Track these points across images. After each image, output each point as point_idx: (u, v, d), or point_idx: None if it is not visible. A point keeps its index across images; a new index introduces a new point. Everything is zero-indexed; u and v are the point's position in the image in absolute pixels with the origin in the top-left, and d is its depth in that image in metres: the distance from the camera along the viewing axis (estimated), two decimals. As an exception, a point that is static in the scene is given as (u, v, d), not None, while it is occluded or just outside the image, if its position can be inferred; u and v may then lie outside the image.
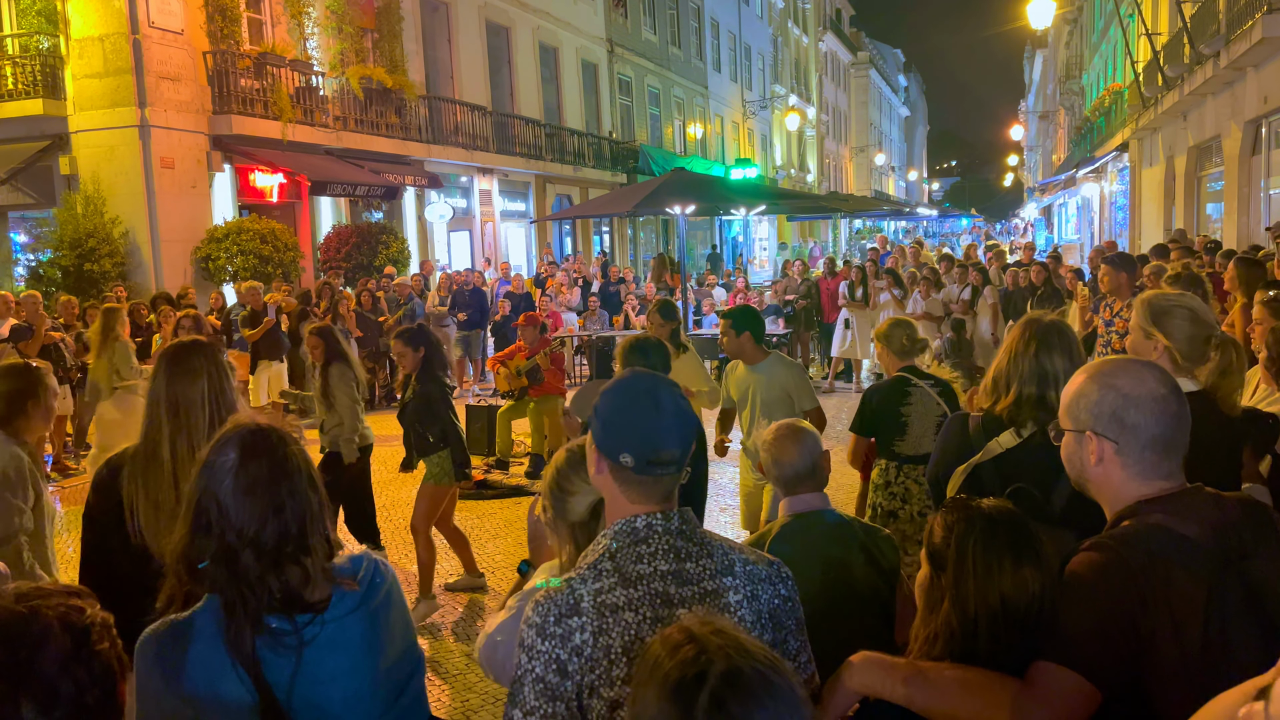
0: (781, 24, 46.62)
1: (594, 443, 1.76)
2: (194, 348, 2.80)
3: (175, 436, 2.67)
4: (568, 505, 2.10)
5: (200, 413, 2.69)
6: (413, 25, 18.37)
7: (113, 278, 12.52)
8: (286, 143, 14.61)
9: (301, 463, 1.81)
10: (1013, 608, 1.70)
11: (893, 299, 12.49)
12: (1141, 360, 1.86)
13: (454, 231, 20.67)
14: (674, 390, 1.78)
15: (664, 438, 1.71)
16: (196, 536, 1.72)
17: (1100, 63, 29.78)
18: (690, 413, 1.78)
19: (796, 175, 47.47)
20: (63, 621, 1.37)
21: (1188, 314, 2.72)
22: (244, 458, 1.75)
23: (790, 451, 2.75)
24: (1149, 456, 1.72)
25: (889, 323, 4.76)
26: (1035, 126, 65.78)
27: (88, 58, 13.01)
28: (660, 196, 13.55)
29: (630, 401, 1.74)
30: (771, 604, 1.73)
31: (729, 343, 5.12)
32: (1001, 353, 2.62)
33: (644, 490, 1.71)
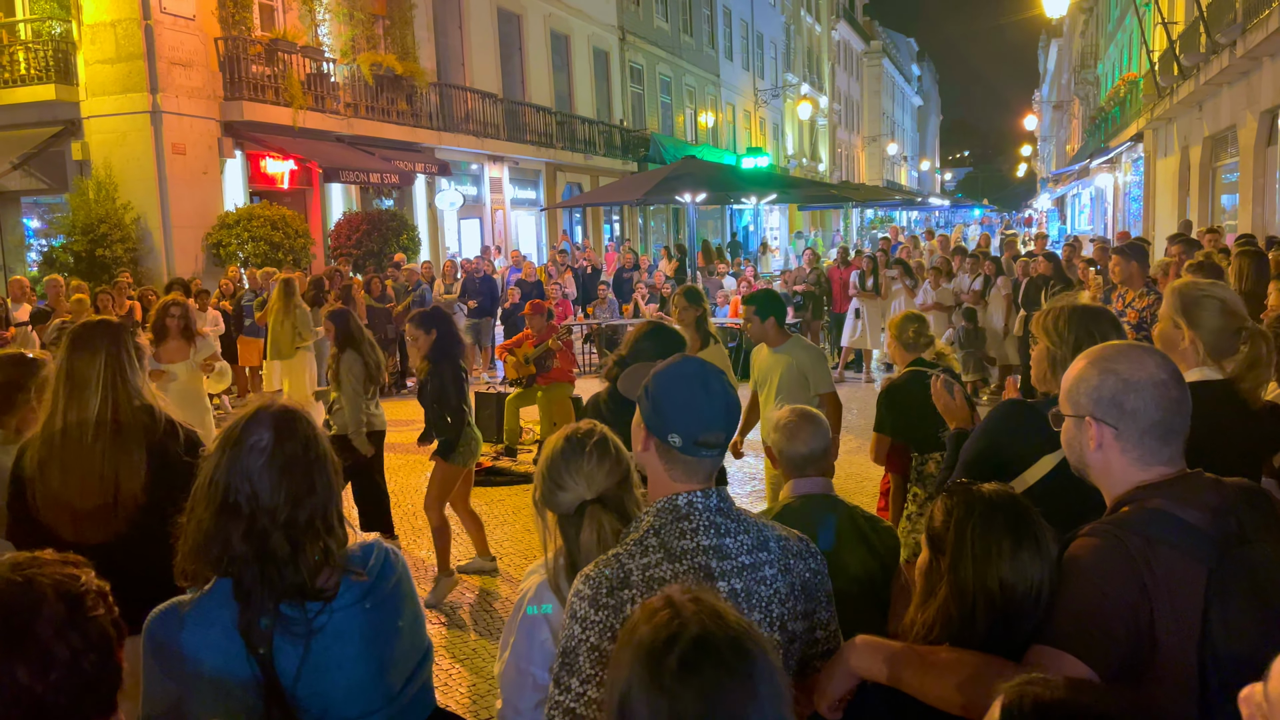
0: (794, 12, 46.38)
1: (643, 421, 1.84)
2: (99, 327, 2.87)
3: (68, 410, 2.74)
4: (556, 498, 2.10)
5: (94, 388, 2.75)
6: (424, 12, 18.35)
7: (124, 263, 12.57)
8: (298, 129, 14.63)
9: (326, 446, 1.84)
10: (1011, 592, 1.70)
11: (904, 288, 12.45)
12: (1142, 345, 1.84)
13: (464, 219, 20.69)
14: (722, 376, 1.86)
15: (711, 420, 1.79)
16: (223, 518, 1.72)
17: (1115, 52, 29.55)
18: (736, 399, 1.86)
19: (808, 164, 47.30)
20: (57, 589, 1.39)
21: (1218, 305, 2.67)
22: (279, 438, 1.76)
23: (800, 436, 2.78)
24: (1148, 442, 1.71)
25: (901, 315, 4.76)
26: (1049, 116, 65.35)
27: (100, 43, 13.04)
28: (671, 184, 13.54)
29: (681, 384, 1.81)
30: (803, 576, 1.83)
31: (753, 327, 5.16)
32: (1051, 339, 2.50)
33: (688, 470, 1.80)
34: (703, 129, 34.04)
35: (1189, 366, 2.66)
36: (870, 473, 8.27)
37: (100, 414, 2.74)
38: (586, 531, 2.03)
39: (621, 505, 2.06)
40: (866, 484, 7.96)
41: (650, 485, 1.88)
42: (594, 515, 2.04)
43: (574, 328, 14.23)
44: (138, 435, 2.78)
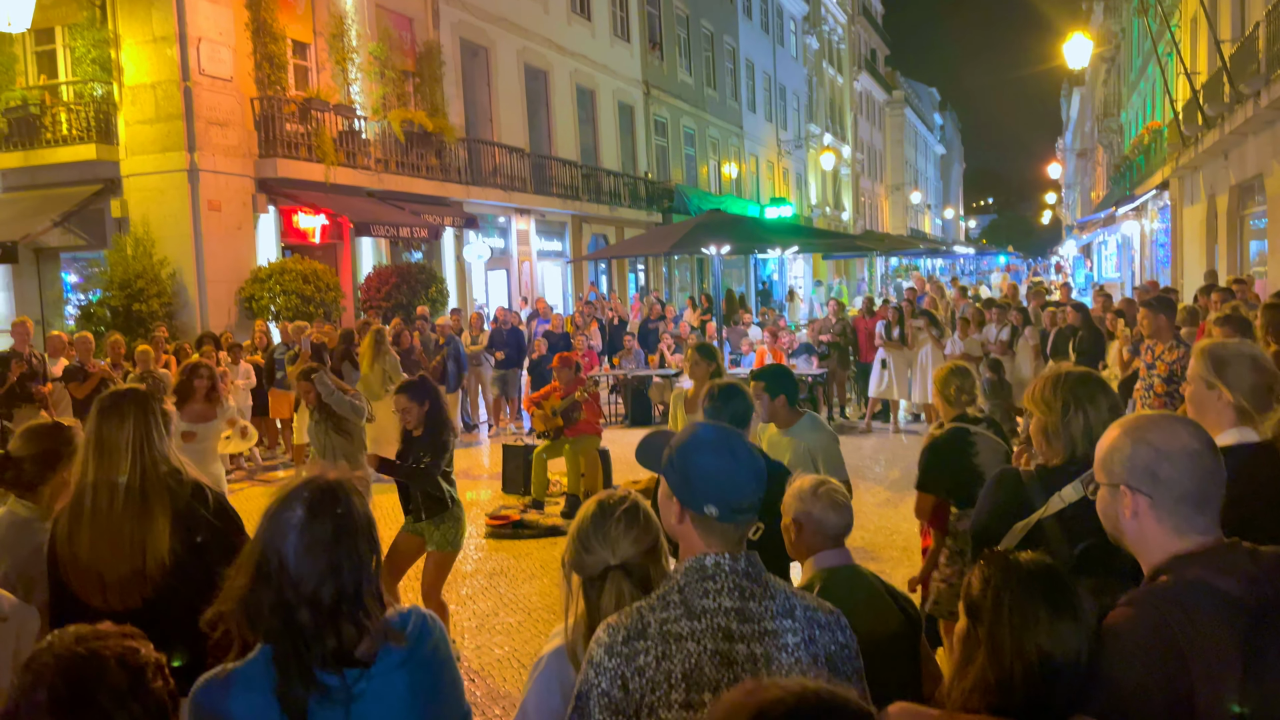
0: (816, 64, 46.93)
1: (674, 495, 1.85)
2: (126, 395, 2.88)
3: (98, 479, 2.75)
4: (583, 560, 2.12)
5: (124, 455, 2.76)
6: (453, 69, 18.75)
7: (160, 317, 12.80)
8: (329, 185, 14.93)
9: (363, 522, 1.86)
10: (1049, 661, 1.70)
11: (930, 339, 12.44)
12: (1174, 415, 1.86)
13: (491, 271, 20.92)
14: (744, 439, 1.90)
15: (744, 486, 1.82)
16: (257, 586, 1.77)
17: (1139, 101, 29.63)
18: (761, 461, 1.89)
19: (832, 214, 47.52)
20: (119, 660, 1.44)
21: (1250, 361, 2.67)
22: (310, 515, 1.80)
23: (842, 506, 2.76)
24: (1183, 511, 1.72)
25: (946, 369, 4.60)
26: (1073, 164, 65.37)
27: (140, 104, 13.42)
28: (696, 237, 13.66)
29: (707, 453, 1.84)
30: (829, 649, 1.82)
31: (762, 406, 4.60)
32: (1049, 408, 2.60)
33: (724, 536, 1.82)
34: (726, 180, 34.35)
35: (1224, 427, 2.66)
36: (900, 526, 8.21)
37: (129, 480, 2.76)
38: (606, 597, 2.05)
39: (646, 575, 2.07)
40: (896, 537, 7.90)
41: (682, 551, 1.89)
42: (615, 581, 2.06)
43: (600, 378, 14.32)
44: (164, 500, 2.79)
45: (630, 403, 14.55)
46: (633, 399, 14.47)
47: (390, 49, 16.74)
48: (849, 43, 53.80)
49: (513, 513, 8.87)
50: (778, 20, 41.80)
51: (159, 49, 13.25)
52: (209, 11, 13.47)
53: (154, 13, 13.20)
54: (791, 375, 5.02)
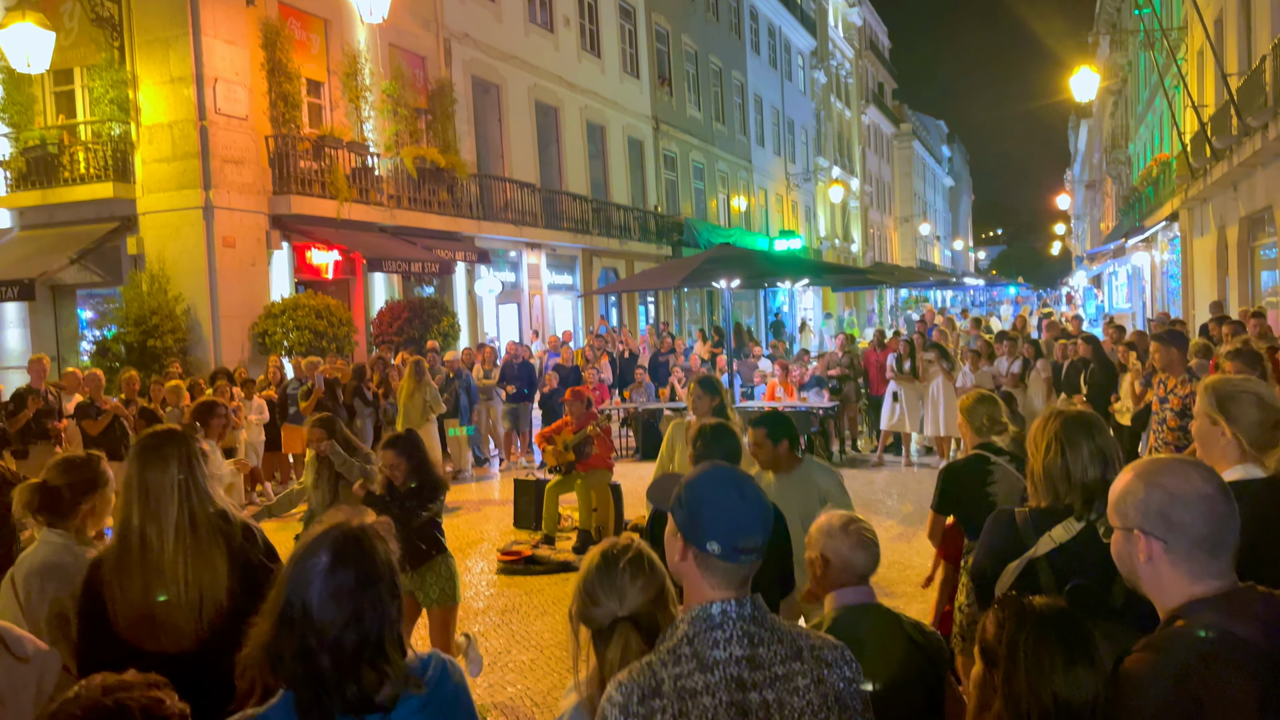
0: (824, 99, 47.28)
1: (679, 531, 1.86)
2: (167, 436, 2.86)
3: (145, 523, 2.72)
4: (591, 613, 2.12)
5: (170, 498, 2.74)
6: (465, 107, 18.97)
7: (174, 353, 12.89)
8: (342, 221, 15.07)
9: (386, 569, 1.87)
10: (1065, 706, 1.70)
11: (941, 371, 12.42)
12: (1187, 459, 1.87)
13: (503, 305, 21.03)
14: (753, 480, 1.90)
15: (749, 525, 1.83)
16: (280, 631, 1.79)
17: (1146, 133, 29.73)
18: (769, 503, 1.89)
19: (841, 246, 47.65)
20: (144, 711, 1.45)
21: (1254, 399, 2.69)
22: (334, 562, 1.81)
23: (868, 545, 2.76)
24: (1198, 555, 1.73)
25: (974, 397, 4.52)
26: (1082, 195, 65.49)
27: (157, 143, 13.61)
28: (707, 271, 13.70)
29: (715, 491, 1.85)
30: (837, 686, 1.83)
31: (765, 454, 4.57)
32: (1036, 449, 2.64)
33: (726, 576, 1.82)
34: (736, 213, 34.53)
35: (1230, 463, 2.68)
36: (913, 560, 8.17)
37: (178, 522, 2.74)
38: (613, 649, 2.05)
39: (654, 624, 2.07)
40: (909, 572, 7.85)
41: (686, 593, 1.90)
42: (623, 633, 2.06)
43: (611, 412, 14.32)
44: (218, 542, 2.78)
45: (641, 436, 14.54)
46: (644, 432, 14.46)
47: (403, 87, 16.95)
48: (856, 77, 54.21)
49: (524, 548, 8.86)
50: (785, 55, 42.20)
51: (176, 89, 13.45)
52: (225, 52, 13.68)
53: (172, 54, 13.42)
54: (790, 421, 4.86)
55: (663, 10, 29.35)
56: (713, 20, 33.67)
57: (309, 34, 15.56)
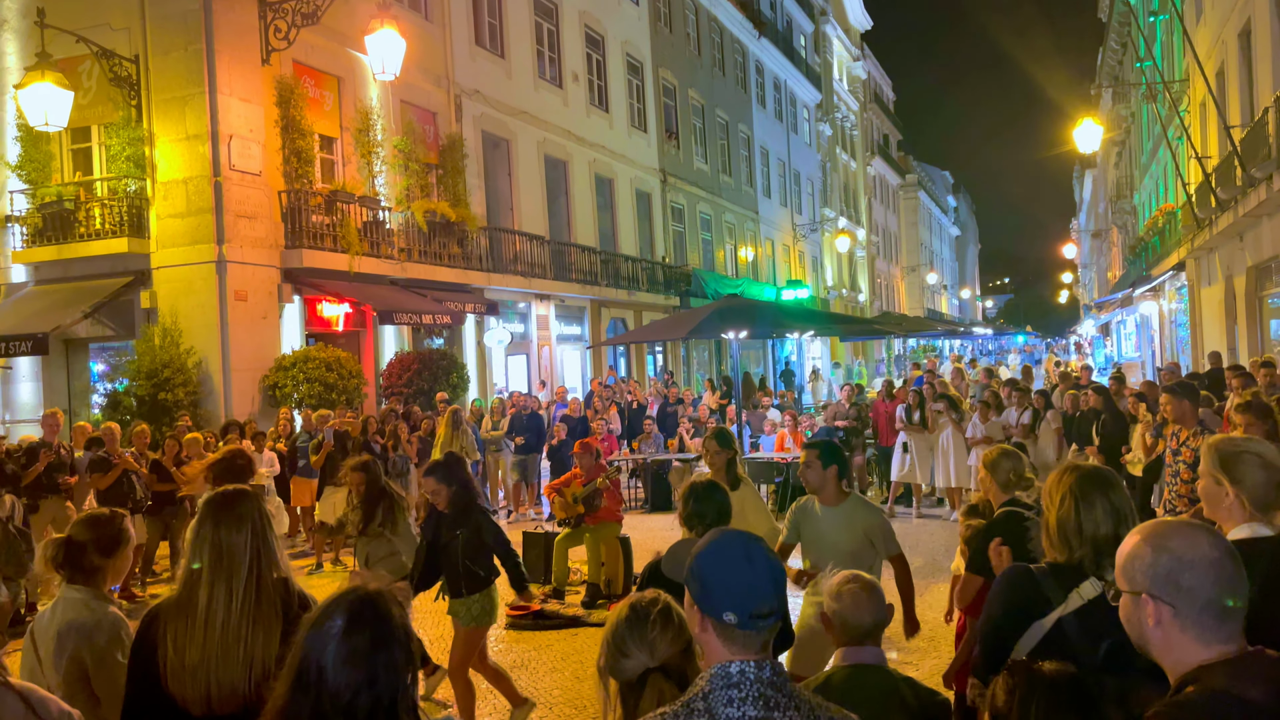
0: (830, 151, 47.78)
1: (695, 603, 1.89)
2: (241, 495, 2.84)
3: (214, 583, 2.70)
4: (620, 664, 2.13)
5: (243, 560, 2.72)
6: (475, 161, 19.23)
7: (184, 406, 12.94)
8: (353, 274, 15.21)
9: (401, 633, 1.88)
10: None
11: (951, 422, 12.39)
12: (1194, 522, 1.88)
13: (512, 356, 21.09)
14: (763, 544, 1.92)
15: (763, 593, 1.85)
16: (295, 695, 1.79)
17: (1151, 183, 29.92)
18: (780, 565, 1.92)
19: (848, 295, 47.80)
20: None
21: (1257, 460, 2.70)
22: (349, 626, 1.82)
23: (867, 605, 2.77)
24: (1206, 620, 1.73)
25: (998, 451, 4.50)
26: (1088, 244, 65.72)
27: (172, 199, 13.80)
28: (714, 322, 13.77)
29: (726, 561, 1.87)
30: None
31: (814, 475, 4.77)
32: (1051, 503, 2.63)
33: (745, 643, 1.84)
34: (743, 263, 34.74)
35: (1236, 522, 2.69)
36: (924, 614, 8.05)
37: (246, 587, 2.72)
38: (647, 700, 2.06)
39: (684, 675, 2.09)
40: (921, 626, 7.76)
41: (706, 659, 1.92)
42: (655, 684, 2.07)
43: (620, 463, 14.29)
44: (276, 609, 2.75)
45: (650, 488, 14.50)
46: (652, 484, 14.42)
47: (414, 142, 17.21)
48: (862, 129, 54.82)
49: (533, 602, 8.79)
50: (791, 109, 42.74)
51: (192, 146, 13.67)
52: (241, 110, 13.93)
53: (188, 112, 13.67)
54: (841, 450, 5.02)
55: (669, 66, 29.83)
56: (719, 75, 34.19)
57: (323, 91, 15.85)
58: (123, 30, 13.99)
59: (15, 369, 14.86)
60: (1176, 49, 21.99)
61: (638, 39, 27.94)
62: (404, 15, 16.46)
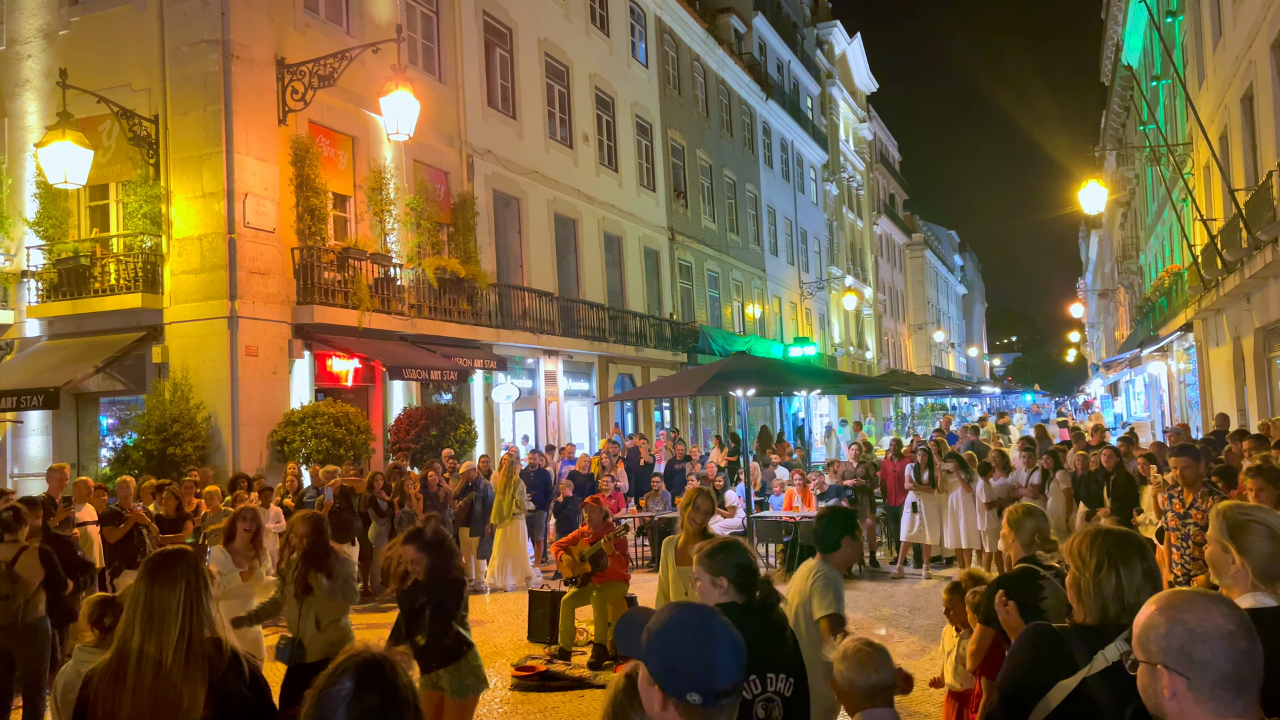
0: (836, 209, 48.24)
1: (655, 683, 1.81)
2: (177, 555, 2.91)
3: (144, 642, 2.75)
4: None
5: (174, 621, 2.77)
6: (486, 219, 19.46)
7: (193, 460, 12.95)
8: (363, 330, 15.31)
9: (410, 694, 1.88)
10: None
11: (960, 482, 12.33)
12: (1209, 594, 1.88)
13: (519, 411, 21.12)
14: (723, 619, 1.85)
15: (727, 669, 1.78)
16: None
17: (1157, 244, 30.09)
18: (740, 637, 1.85)
19: (855, 353, 47.86)
20: None
21: (1264, 530, 2.70)
22: (359, 688, 1.83)
23: (869, 664, 2.76)
24: (1221, 694, 1.72)
25: (1023, 509, 4.42)
26: (1095, 304, 65.88)
27: (186, 255, 13.98)
28: (722, 380, 13.78)
29: (685, 637, 1.80)
30: None
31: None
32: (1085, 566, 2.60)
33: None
34: (750, 320, 34.89)
35: (1241, 591, 2.68)
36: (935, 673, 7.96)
37: (178, 644, 2.76)
38: None
39: None
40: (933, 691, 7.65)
41: None
42: None
43: (627, 521, 14.22)
44: (204, 669, 2.79)
45: (657, 545, 14.38)
46: (660, 542, 14.30)
47: (426, 201, 17.44)
48: (868, 189, 55.38)
49: (539, 663, 8.70)
50: (798, 169, 43.27)
51: (208, 204, 13.88)
52: (256, 169, 14.16)
53: (205, 170, 13.90)
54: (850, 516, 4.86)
55: (678, 127, 30.29)
56: (727, 136, 34.69)
57: (337, 150, 16.12)
58: (143, 91, 14.30)
59: (26, 423, 14.93)
60: (1180, 113, 22.26)
61: (647, 100, 28.42)
62: (418, 77, 16.80)
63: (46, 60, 15.32)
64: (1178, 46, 21.78)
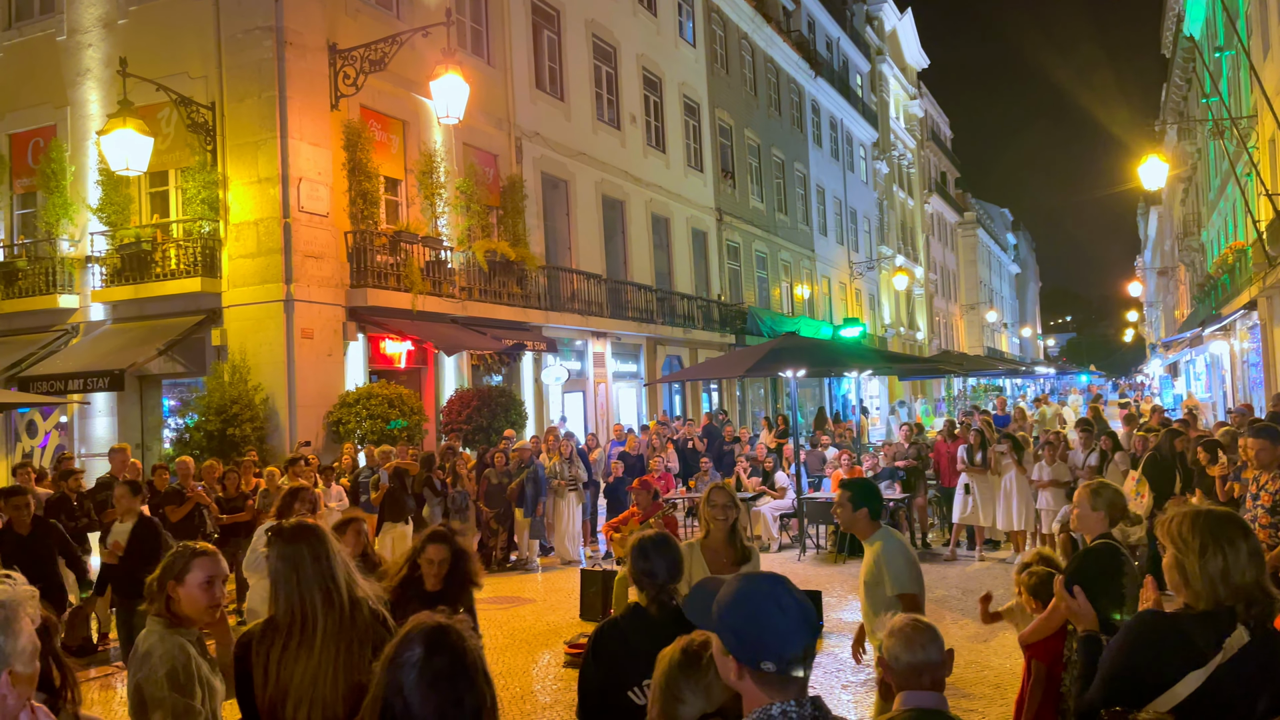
0: (886, 188, 47.62)
1: (729, 653, 1.86)
2: (307, 529, 2.98)
3: (306, 610, 2.83)
4: (677, 711, 2.12)
5: (314, 588, 2.85)
6: (535, 202, 19.53)
7: (251, 441, 13.23)
8: (416, 312, 15.49)
9: (478, 658, 1.92)
10: None
11: (1014, 463, 12.17)
12: None
13: (568, 393, 21.23)
14: (790, 587, 1.89)
15: (797, 638, 1.83)
16: None
17: (1219, 220, 29.27)
18: (809, 603, 1.89)
19: (906, 333, 47.31)
20: None
21: None
22: (428, 653, 1.87)
23: (916, 641, 2.73)
24: None
25: (1096, 483, 4.36)
26: (1154, 282, 64.32)
27: (243, 240, 14.23)
28: (772, 361, 13.73)
29: (758, 610, 1.85)
30: None
31: (844, 515, 4.84)
32: (1188, 548, 2.54)
33: (784, 687, 1.83)
34: (799, 301, 34.64)
35: None
36: (990, 661, 7.90)
37: (339, 612, 2.85)
38: None
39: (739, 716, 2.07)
40: (987, 673, 7.60)
41: (745, 703, 1.90)
42: None
43: (676, 502, 14.26)
44: (366, 631, 2.87)
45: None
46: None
47: (476, 184, 17.54)
48: (919, 167, 54.57)
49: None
50: (848, 147, 42.75)
51: (263, 189, 14.11)
52: (310, 154, 14.36)
53: (260, 156, 14.12)
54: (876, 489, 5.03)
55: (726, 107, 30.08)
56: (775, 115, 34.37)
57: (388, 134, 16.27)
58: (200, 78, 14.55)
59: (93, 404, 15.35)
60: (1244, 84, 21.60)
61: (695, 80, 28.25)
62: (467, 60, 16.87)
63: (106, 49, 15.65)
64: (1241, 16, 21.10)
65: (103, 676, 8.42)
